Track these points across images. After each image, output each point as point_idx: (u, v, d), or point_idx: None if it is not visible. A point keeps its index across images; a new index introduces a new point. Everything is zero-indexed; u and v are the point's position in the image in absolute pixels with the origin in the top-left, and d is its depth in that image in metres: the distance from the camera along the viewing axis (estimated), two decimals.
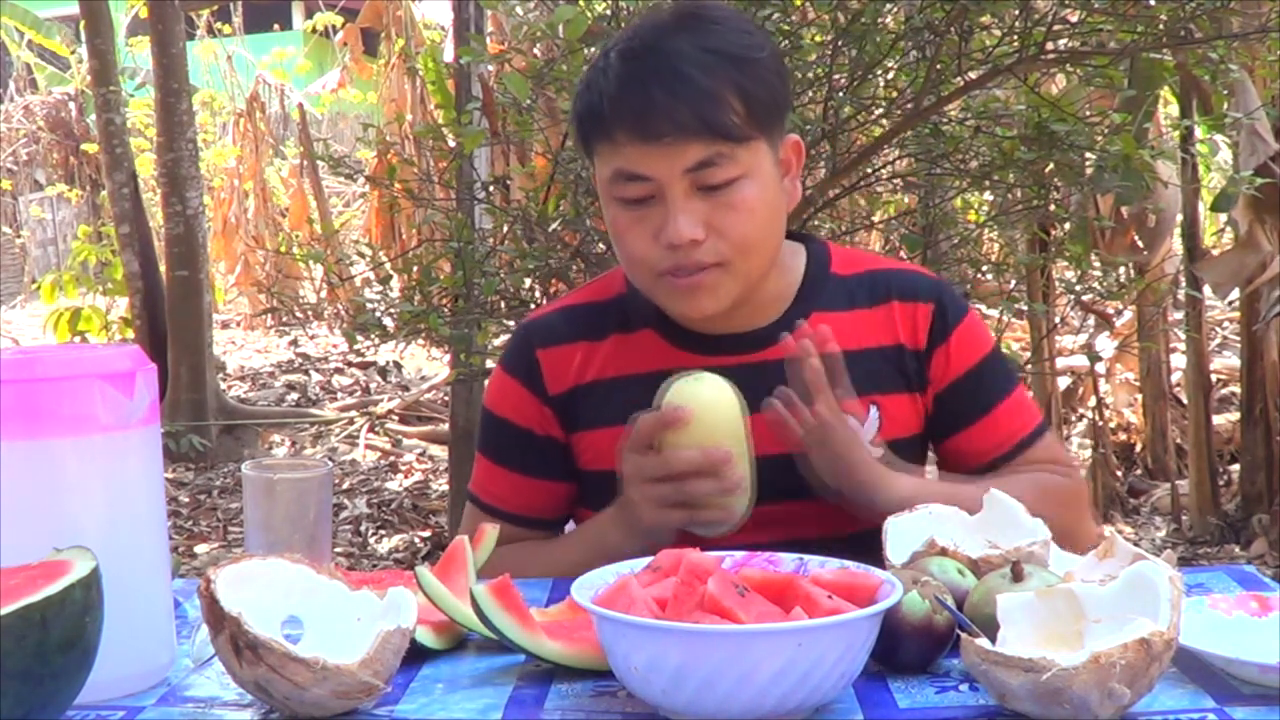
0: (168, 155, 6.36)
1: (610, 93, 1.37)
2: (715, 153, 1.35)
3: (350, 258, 7.68)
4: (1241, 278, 4.35)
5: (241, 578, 1.06)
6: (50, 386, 1.07)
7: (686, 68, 1.34)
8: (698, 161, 1.35)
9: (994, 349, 1.53)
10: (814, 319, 1.46)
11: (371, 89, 9.99)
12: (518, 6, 3.86)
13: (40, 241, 13.73)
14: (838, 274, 1.52)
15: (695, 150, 1.34)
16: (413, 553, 4.83)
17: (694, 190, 1.36)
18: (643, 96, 1.35)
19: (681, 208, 1.35)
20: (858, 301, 1.51)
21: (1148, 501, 4.98)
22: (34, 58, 12.97)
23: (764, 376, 1.43)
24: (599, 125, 1.38)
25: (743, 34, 1.41)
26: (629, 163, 1.36)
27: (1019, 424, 1.51)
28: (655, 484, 1.33)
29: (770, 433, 1.40)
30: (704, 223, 1.36)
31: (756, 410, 1.39)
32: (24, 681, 0.95)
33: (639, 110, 1.34)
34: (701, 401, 1.32)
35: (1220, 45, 2.76)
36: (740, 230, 1.37)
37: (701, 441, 1.31)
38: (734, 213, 1.37)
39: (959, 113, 3.04)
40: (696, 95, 1.33)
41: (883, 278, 1.53)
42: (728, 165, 1.35)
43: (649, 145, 1.34)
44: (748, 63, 1.37)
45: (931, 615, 1.08)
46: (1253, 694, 1.02)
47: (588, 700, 1.06)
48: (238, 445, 6.67)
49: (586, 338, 1.52)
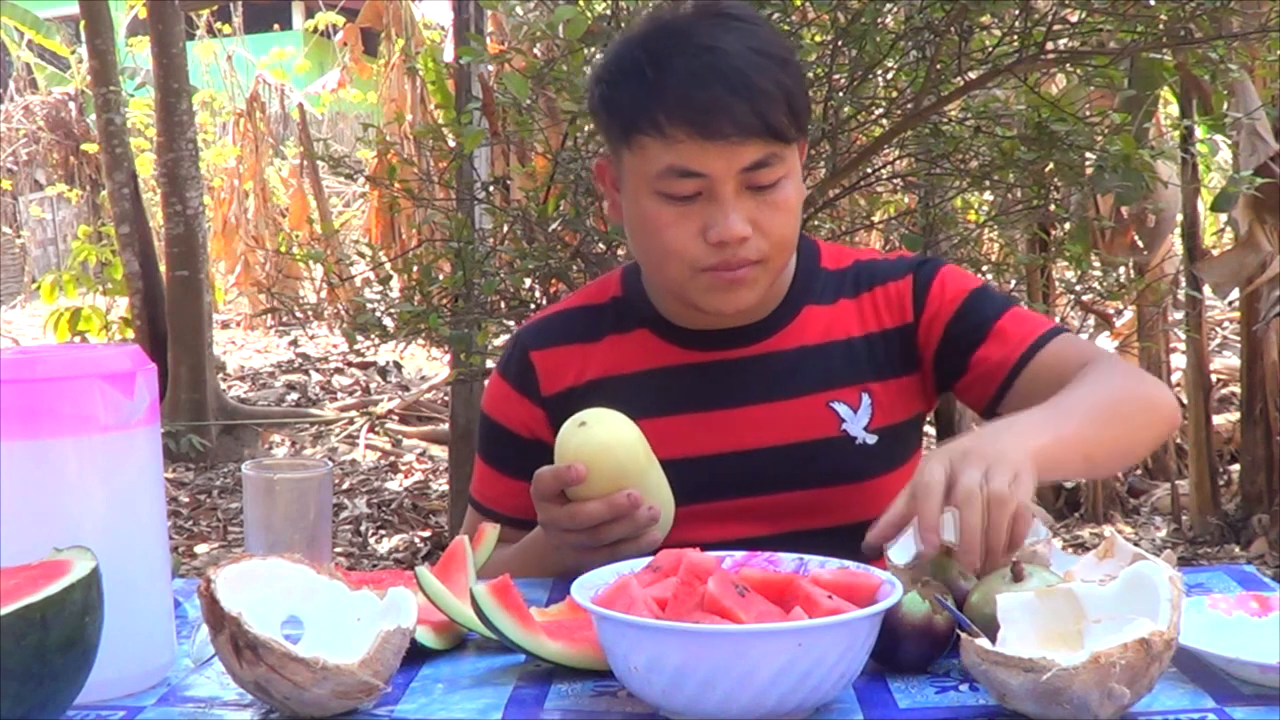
0: (168, 155, 6.36)
1: (668, 88, 1.35)
2: (770, 153, 1.36)
3: (350, 258, 7.67)
4: (1242, 278, 4.35)
5: (241, 578, 1.06)
6: (50, 386, 1.07)
7: (745, 67, 1.35)
8: (754, 161, 1.36)
9: (982, 286, 1.53)
10: (807, 312, 1.50)
11: (371, 89, 9.99)
12: (518, 6, 3.86)
13: (40, 241, 13.73)
14: (827, 269, 1.55)
15: (752, 150, 1.35)
16: (413, 553, 4.83)
17: (743, 189, 1.37)
18: (707, 94, 1.34)
19: (734, 206, 1.36)
20: (844, 293, 1.52)
21: (1148, 501, 4.98)
22: (34, 58, 12.97)
23: (758, 370, 1.47)
24: (649, 119, 1.36)
25: (776, 35, 1.44)
26: (684, 159, 1.35)
27: (1028, 329, 1.48)
28: (569, 533, 1.33)
29: (763, 424, 1.44)
30: (751, 220, 1.38)
31: (744, 404, 1.44)
32: (24, 681, 0.95)
33: (704, 108, 1.34)
34: (594, 449, 1.30)
35: (1220, 45, 2.76)
36: (781, 229, 1.39)
37: (605, 489, 1.29)
38: (778, 212, 1.39)
39: (959, 113, 3.04)
40: (757, 95, 1.34)
41: (866, 268, 1.55)
42: (777, 166, 1.37)
43: (709, 143, 1.34)
44: (789, 64, 1.39)
45: (932, 615, 1.08)
46: (1253, 694, 1.02)
47: (588, 700, 1.06)
48: (238, 445, 6.67)
49: (582, 340, 1.53)
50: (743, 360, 1.48)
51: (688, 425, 1.48)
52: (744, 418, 1.47)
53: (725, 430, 1.47)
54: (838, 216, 3.71)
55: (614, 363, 1.51)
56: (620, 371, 1.51)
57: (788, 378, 1.48)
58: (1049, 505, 4.89)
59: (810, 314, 1.51)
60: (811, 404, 1.48)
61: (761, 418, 1.47)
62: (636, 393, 1.47)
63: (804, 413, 1.47)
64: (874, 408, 1.48)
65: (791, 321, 1.50)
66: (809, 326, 1.50)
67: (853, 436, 1.47)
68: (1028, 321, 1.50)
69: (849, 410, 1.47)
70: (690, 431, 1.47)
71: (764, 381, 1.48)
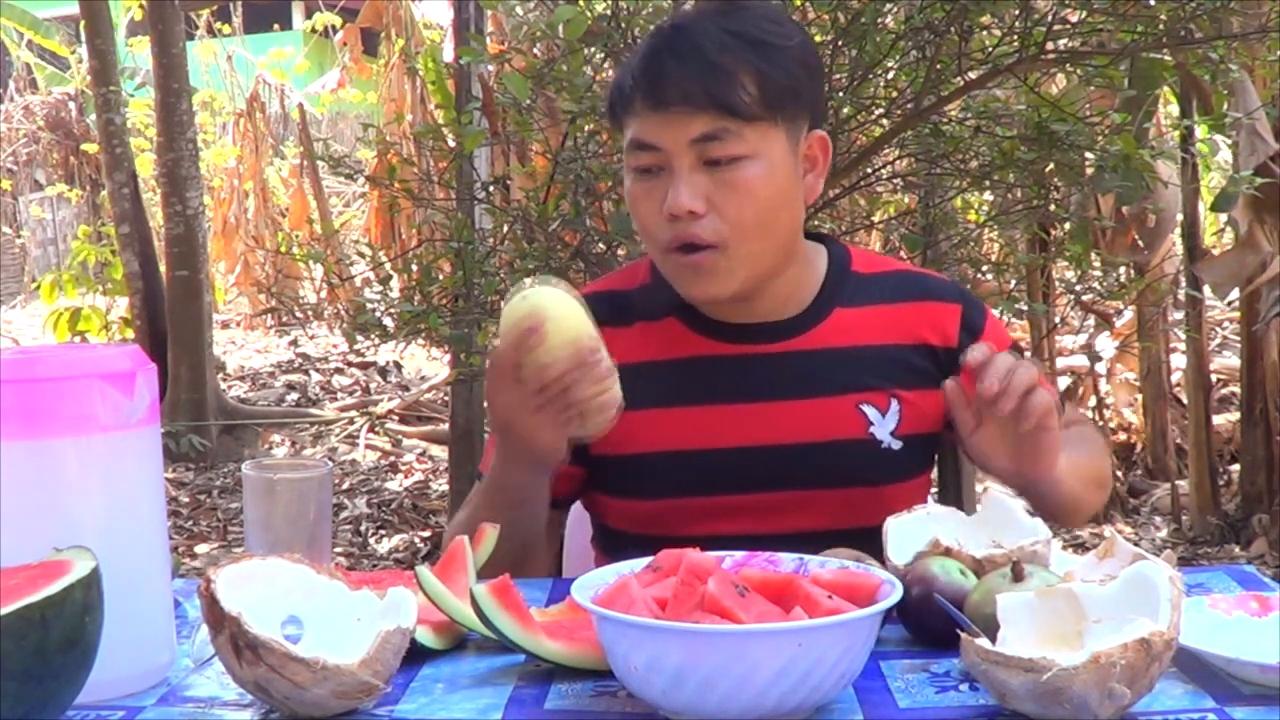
0: (168, 155, 6.36)
1: (633, 65, 1.43)
2: (721, 127, 1.37)
3: (350, 258, 7.67)
4: (1242, 278, 4.35)
5: (241, 578, 1.06)
6: (50, 386, 1.07)
7: (703, 43, 1.39)
8: (702, 133, 1.38)
9: (1015, 344, 1.59)
10: (837, 314, 1.51)
11: (371, 89, 9.98)
12: (518, 6, 3.86)
13: (40, 241, 13.72)
14: (859, 272, 1.55)
15: (701, 122, 1.37)
16: (413, 553, 4.83)
17: (700, 164, 1.39)
18: (656, 65, 1.40)
19: (684, 179, 1.39)
20: (881, 298, 1.53)
21: (1148, 501, 4.98)
22: (34, 58, 12.96)
23: (787, 366, 1.48)
24: (622, 95, 1.43)
25: (771, 22, 1.44)
26: (641, 131, 1.41)
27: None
28: (539, 409, 1.32)
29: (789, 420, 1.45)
30: (705, 197, 1.39)
31: (771, 399, 1.45)
32: (24, 681, 0.95)
33: (653, 78, 1.39)
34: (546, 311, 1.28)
35: (1220, 45, 2.76)
36: (738, 210, 1.39)
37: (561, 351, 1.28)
38: (734, 192, 1.39)
39: (959, 113, 3.04)
40: (706, 68, 1.37)
41: (910, 278, 1.57)
42: (733, 142, 1.38)
43: (659, 114, 1.39)
44: (769, 47, 1.40)
45: (964, 586, 1.12)
46: (1253, 694, 1.02)
47: (588, 700, 1.06)
48: (238, 445, 6.67)
49: (612, 322, 1.51)
50: (771, 355, 1.49)
51: (712, 416, 1.48)
52: (770, 412, 1.48)
53: (750, 424, 1.48)
54: (838, 216, 3.70)
55: (643, 349, 1.51)
56: (647, 358, 1.51)
57: (817, 376, 1.49)
58: None
59: (840, 316, 1.52)
60: (840, 404, 1.48)
61: (788, 414, 1.48)
62: (663, 380, 1.49)
63: (832, 412, 1.48)
64: (903, 414, 1.49)
65: (822, 322, 1.51)
66: (839, 328, 1.51)
67: (879, 440, 1.48)
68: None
69: (878, 414, 1.48)
70: (714, 423, 1.48)
71: (792, 378, 1.48)
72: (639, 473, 1.51)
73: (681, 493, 1.49)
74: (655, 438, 1.49)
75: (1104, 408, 5.19)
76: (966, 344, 1.49)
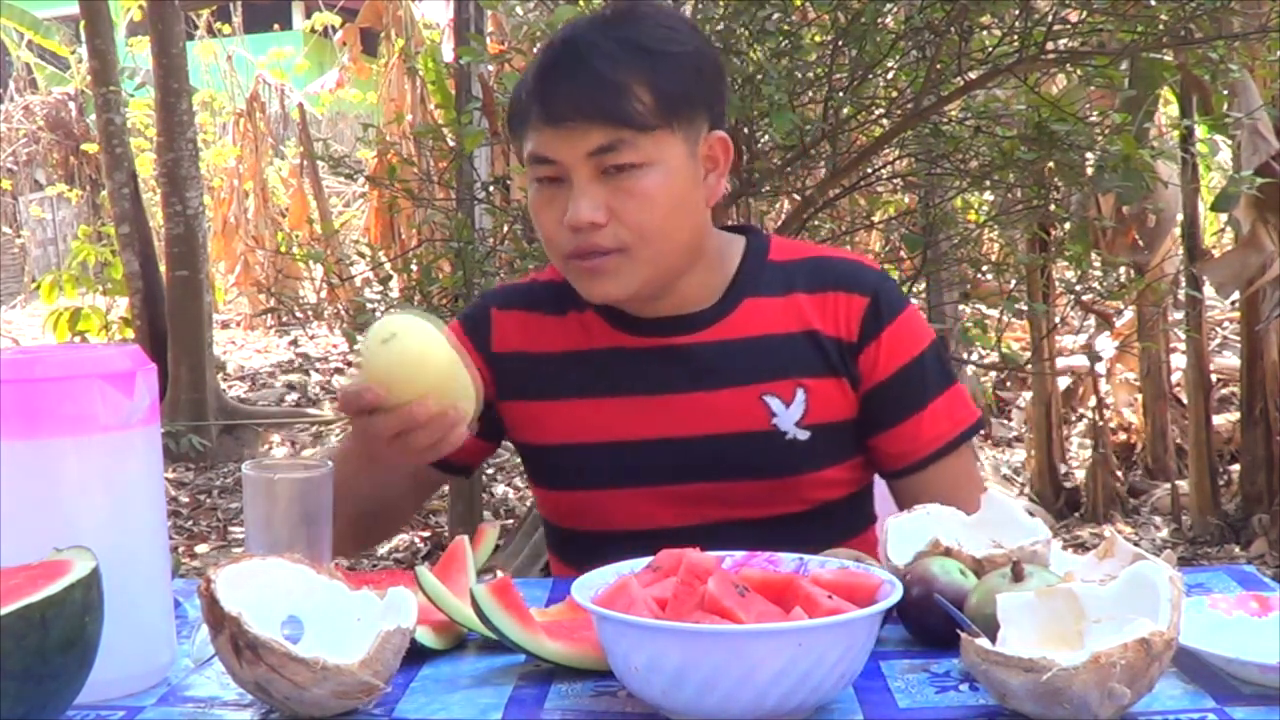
0: (168, 155, 6.36)
1: (527, 81, 1.44)
2: (616, 138, 1.39)
3: (350, 258, 7.67)
4: (1243, 278, 4.35)
5: (241, 578, 1.06)
6: (50, 386, 1.07)
7: (593, 57, 1.40)
8: (598, 146, 1.39)
9: (930, 346, 1.53)
10: (747, 305, 1.51)
11: (371, 89, 9.98)
12: (518, 6, 3.86)
13: (40, 241, 13.71)
14: (775, 261, 1.54)
15: (596, 135, 1.39)
16: (413, 553, 4.82)
17: (598, 175, 1.40)
18: (551, 83, 1.41)
19: (584, 191, 1.40)
20: (793, 286, 1.52)
21: (1148, 501, 4.98)
22: (34, 58, 12.96)
23: (694, 359, 1.49)
24: (519, 110, 1.46)
25: (663, 29, 1.44)
26: (539, 145, 1.42)
27: (937, 432, 1.51)
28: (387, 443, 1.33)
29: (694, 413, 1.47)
30: (605, 207, 1.40)
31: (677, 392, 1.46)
32: (24, 681, 0.95)
33: (546, 96, 1.41)
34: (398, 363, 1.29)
35: (1220, 45, 2.77)
36: (638, 217, 1.41)
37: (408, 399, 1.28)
38: (633, 199, 1.40)
39: (959, 113, 3.04)
40: (597, 83, 1.39)
41: (825, 264, 1.54)
42: (629, 151, 1.39)
43: (555, 129, 1.40)
44: (660, 55, 1.41)
45: (964, 586, 1.11)
46: (1253, 694, 1.02)
47: (588, 700, 1.06)
48: (238, 445, 6.67)
49: (545, 310, 1.57)
50: (679, 348, 1.50)
51: (624, 408, 1.50)
52: (676, 405, 1.49)
53: (659, 416, 1.49)
54: (838, 216, 3.71)
55: (571, 338, 1.54)
56: (572, 348, 1.54)
57: (720, 368, 1.49)
58: (1049, 505, 4.89)
59: (750, 306, 1.51)
60: (742, 395, 1.48)
61: (692, 406, 1.49)
62: (583, 371, 1.52)
63: (734, 404, 1.48)
64: (809, 403, 1.48)
65: (731, 313, 1.51)
66: (748, 318, 1.51)
67: (783, 431, 1.48)
68: (944, 420, 1.51)
69: (781, 404, 1.48)
70: (626, 415, 1.50)
71: (697, 370, 1.49)
72: (558, 462, 1.55)
73: (598, 484, 1.52)
74: (573, 429, 1.52)
75: (1104, 408, 5.19)
76: (868, 339, 1.49)
